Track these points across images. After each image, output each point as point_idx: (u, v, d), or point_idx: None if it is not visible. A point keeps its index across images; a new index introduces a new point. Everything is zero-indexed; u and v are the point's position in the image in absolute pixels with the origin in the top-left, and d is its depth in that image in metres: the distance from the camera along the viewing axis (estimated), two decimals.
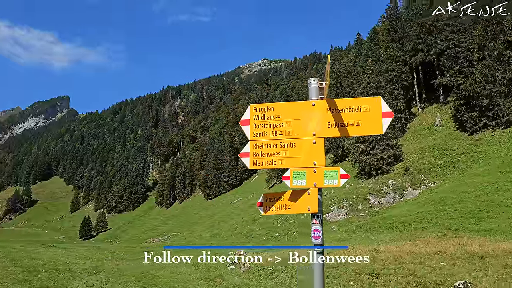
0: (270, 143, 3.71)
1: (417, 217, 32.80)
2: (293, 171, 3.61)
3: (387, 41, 66.77)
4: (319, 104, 3.67)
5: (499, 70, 48.83)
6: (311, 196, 3.56)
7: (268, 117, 3.77)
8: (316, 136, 3.65)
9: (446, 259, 14.70)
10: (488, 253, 14.89)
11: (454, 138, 52.05)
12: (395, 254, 15.93)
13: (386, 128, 3.67)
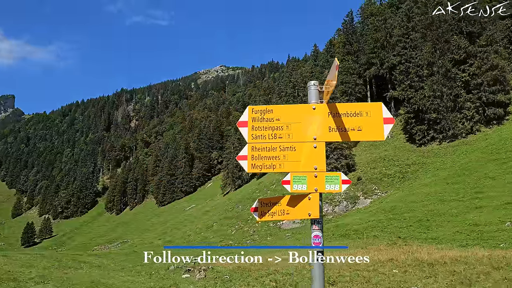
0: (269, 146, 3.61)
1: (369, 225, 33.65)
2: (294, 175, 3.52)
3: (343, 53, 68.66)
4: (319, 108, 3.61)
5: (446, 86, 51.43)
6: (312, 201, 3.47)
7: (267, 119, 3.67)
8: (317, 140, 3.57)
9: (398, 266, 15.06)
10: (437, 261, 15.41)
11: (404, 150, 54.12)
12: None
13: (387, 134, 3.63)
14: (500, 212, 28.39)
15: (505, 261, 14.44)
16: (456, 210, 31.75)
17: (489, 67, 49.93)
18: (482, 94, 50.19)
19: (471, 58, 51.69)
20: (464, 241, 23.71)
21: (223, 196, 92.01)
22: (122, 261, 23.40)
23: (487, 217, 28.37)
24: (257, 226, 49.37)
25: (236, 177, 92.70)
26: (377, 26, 64.71)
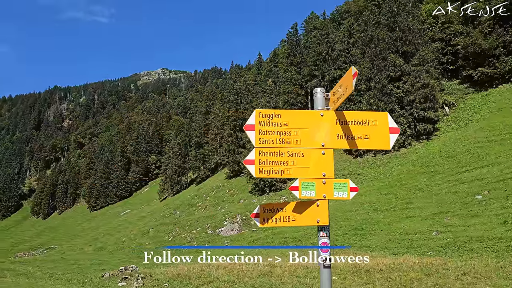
0: (277, 151, 3.53)
1: (306, 233, 34.27)
2: (302, 181, 3.49)
3: (286, 64, 70.07)
4: (327, 115, 3.61)
5: (382, 101, 54.07)
6: (320, 208, 3.45)
7: (275, 124, 3.59)
8: (325, 147, 3.58)
9: (337, 273, 15.35)
10: (373, 268, 15.91)
11: (341, 160, 56.01)
12: (290, 269, 16.21)
13: (393, 144, 3.69)
14: (428, 222, 30.11)
15: (435, 268, 15.22)
16: (389, 219, 33.25)
17: (421, 86, 53.22)
18: (414, 110, 53.32)
19: (405, 76, 54.84)
20: (395, 249, 24.81)
21: (160, 202, 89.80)
22: (50, 269, 21.90)
23: (416, 226, 29.97)
24: (195, 232, 48.60)
25: (174, 182, 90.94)
26: (320, 39, 66.79)
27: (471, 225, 27.07)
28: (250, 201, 51.72)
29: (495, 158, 38.18)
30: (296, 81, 67.68)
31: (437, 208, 32.41)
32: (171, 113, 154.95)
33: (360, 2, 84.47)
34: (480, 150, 41.62)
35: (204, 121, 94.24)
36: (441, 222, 29.45)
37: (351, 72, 3.33)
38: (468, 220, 28.36)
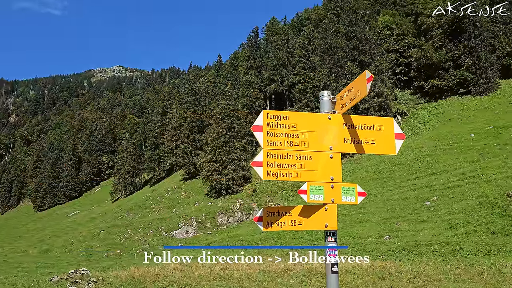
0: (285, 154, 3.44)
1: (263, 236, 34.37)
2: (310, 185, 3.39)
3: (246, 67, 70.24)
4: (335, 118, 3.57)
5: None
6: (328, 212, 3.38)
7: (282, 125, 3.49)
8: (333, 151, 3.53)
9: (294, 277, 15.42)
10: None
11: None
12: (247, 272, 16.12)
13: (398, 149, 3.69)
14: (380, 227, 31.04)
15: (387, 271, 15.64)
16: (343, 224, 33.95)
17: (376, 94, 54.94)
18: None
19: None
20: (349, 253, 25.34)
21: (112, 203, 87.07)
22: None
23: (369, 230, 30.80)
24: (148, 235, 47.46)
25: (128, 183, 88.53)
26: (280, 45, 67.50)
27: (420, 230, 28.15)
28: (206, 204, 51.24)
29: (443, 166, 39.98)
30: (256, 84, 67.96)
31: (388, 213, 33.49)
32: (126, 112, 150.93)
33: (319, 10, 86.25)
34: (430, 158, 43.47)
35: (161, 121, 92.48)
36: (392, 227, 30.44)
37: (364, 76, 3.30)
38: (417, 225, 29.46)
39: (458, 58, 59.60)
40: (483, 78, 57.25)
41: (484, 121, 48.96)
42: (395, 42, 68.73)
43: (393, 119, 3.77)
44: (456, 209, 29.57)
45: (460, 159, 40.32)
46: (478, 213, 27.38)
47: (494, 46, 59.86)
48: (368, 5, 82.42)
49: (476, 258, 20.39)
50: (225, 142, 54.77)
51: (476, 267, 16.30)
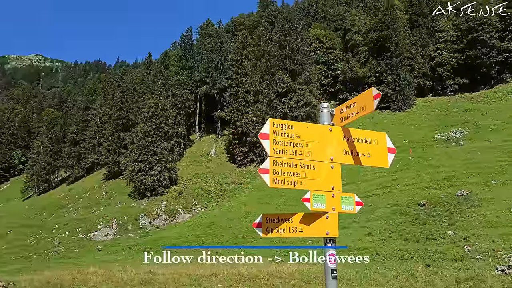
0: (290, 162, 3.50)
1: (187, 239, 33.81)
2: (313, 193, 3.50)
3: (178, 67, 68.99)
4: (335, 130, 3.73)
5: (269, 114, 56.29)
6: (330, 220, 3.49)
7: (288, 134, 3.56)
8: (334, 161, 3.66)
9: (221, 281, 15.29)
10: (256, 275, 16.20)
11: (226, 168, 56.70)
12: (173, 276, 15.71)
13: (391, 163, 3.85)
14: None
15: (312, 276, 16.08)
16: None
17: (304, 103, 56.75)
18: None
19: (291, 93, 57.98)
20: (273, 256, 25.77)
21: (23, 201, 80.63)
22: None
23: None
24: (63, 236, 44.58)
25: (42, 180, 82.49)
26: (214, 47, 67.29)
27: (341, 236, 29.36)
28: (129, 205, 49.31)
29: (364, 175, 42.22)
30: (187, 85, 67.01)
31: None
32: (43, 105, 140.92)
33: (254, 17, 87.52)
34: (351, 167, 45.63)
35: (83, 116, 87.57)
36: None
37: (371, 93, 3.44)
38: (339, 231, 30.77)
39: (381, 75, 63.53)
40: (401, 95, 61.57)
41: (401, 135, 52.56)
42: (324, 54, 71.67)
43: (386, 134, 3.95)
44: (374, 217, 31.34)
45: (378, 169, 42.86)
46: (393, 221, 29.27)
47: (413, 66, 64.69)
48: (300, 17, 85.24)
49: (391, 262, 21.70)
50: (152, 142, 53.23)
51: (392, 272, 17.33)
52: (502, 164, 33.11)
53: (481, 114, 51.84)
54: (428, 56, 65.96)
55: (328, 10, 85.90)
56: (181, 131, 63.02)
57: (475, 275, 13.96)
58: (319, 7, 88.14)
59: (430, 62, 65.50)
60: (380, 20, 65.80)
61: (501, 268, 15.19)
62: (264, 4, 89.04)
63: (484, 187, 30.08)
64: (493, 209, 25.94)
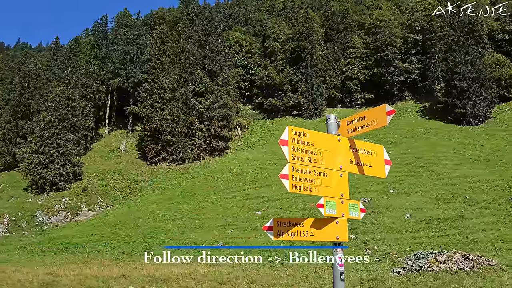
0: (306, 169, 3.67)
1: (92, 239, 31.91)
2: (326, 200, 3.65)
3: (90, 56, 65.06)
4: (343, 141, 3.94)
5: (184, 113, 55.45)
6: (340, 225, 3.67)
7: (304, 142, 3.74)
8: (343, 170, 3.85)
9: (133, 282, 14.66)
10: (169, 277, 15.80)
11: (135, 165, 54.60)
12: (79, 278, 14.71)
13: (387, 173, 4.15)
14: (215, 233, 31.93)
15: (226, 277, 16.12)
16: (178, 229, 33.86)
17: (221, 105, 56.81)
18: (212, 126, 56.35)
19: (208, 93, 57.71)
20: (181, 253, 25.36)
21: None
22: None
23: (204, 236, 31.37)
24: None
25: None
26: (131, 39, 64.62)
27: (251, 238, 29.90)
28: (24, 200, 45.15)
29: (274, 179, 43.32)
30: (99, 76, 63.40)
31: (223, 221, 34.70)
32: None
33: (175, 13, 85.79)
34: (263, 171, 46.66)
35: None
36: (226, 233, 31.63)
37: (384, 109, 3.69)
38: (249, 233, 31.22)
39: (296, 83, 66.00)
40: (313, 104, 64.53)
41: None
42: (243, 58, 72.61)
43: (383, 147, 4.25)
44: None
45: None
46: None
47: (325, 78, 68.19)
48: (222, 18, 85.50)
49: (298, 264, 22.53)
50: (56, 134, 49.35)
51: (300, 273, 18.01)
52: (399, 175, 36.13)
53: (382, 128, 56.19)
54: (340, 69, 70.08)
55: (250, 15, 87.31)
56: (89, 123, 59.36)
57: (376, 276, 14.98)
58: (241, 11, 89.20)
59: (341, 76, 69.68)
60: (298, 30, 68.41)
61: (397, 270, 16.53)
62: (186, 1, 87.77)
63: (383, 195, 32.62)
64: (390, 215, 28.21)
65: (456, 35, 56.80)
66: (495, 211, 24.62)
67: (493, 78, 55.18)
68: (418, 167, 37.75)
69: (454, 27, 58.02)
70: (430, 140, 47.78)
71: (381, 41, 66.32)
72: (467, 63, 54.43)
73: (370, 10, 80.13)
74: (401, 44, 67.89)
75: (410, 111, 62.91)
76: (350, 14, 76.89)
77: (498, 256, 15.67)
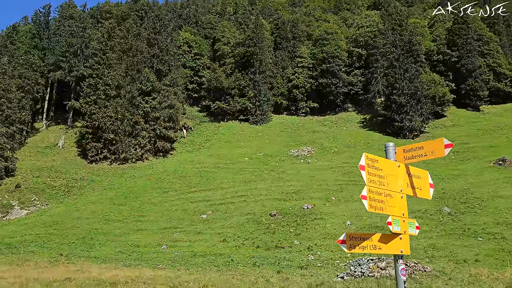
0: (378, 191, 4.27)
1: (25, 239, 30.25)
2: (393, 218, 4.30)
3: (29, 45, 61.55)
4: (402, 167, 4.61)
5: (129, 112, 54.05)
6: (403, 241, 4.36)
7: (375, 167, 4.34)
8: (403, 192, 4.52)
9: (78, 286, 14.23)
10: (118, 280, 15.49)
11: (74, 163, 52.34)
12: (20, 281, 14.05)
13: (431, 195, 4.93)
14: (158, 236, 31.46)
15: (177, 281, 16.05)
16: (120, 231, 32.96)
17: (167, 105, 56.05)
18: (157, 127, 55.42)
19: (155, 93, 56.72)
20: (127, 261, 24.78)
21: None
22: None
23: (147, 239, 30.81)
24: None
25: None
26: (75, 31, 61.98)
27: (196, 241, 29.81)
28: None
29: (220, 183, 43.52)
30: (38, 67, 60.12)
31: (167, 223, 34.27)
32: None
33: (123, 8, 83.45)
34: (209, 175, 46.65)
35: None
36: (170, 236, 31.28)
37: (442, 142, 4.43)
38: (193, 236, 31.10)
39: (244, 88, 66.63)
40: (260, 110, 65.48)
41: (257, 148, 55.76)
42: (192, 60, 72.17)
43: (428, 173, 4.95)
44: (229, 224, 32.57)
45: (234, 179, 44.67)
46: (247, 229, 30.86)
47: (273, 85, 69.46)
48: (172, 18, 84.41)
49: (244, 269, 22.84)
50: None
51: (248, 277, 18.35)
52: (341, 183, 37.68)
53: (326, 137, 58.28)
54: (287, 77, 71.72)
55: (200, 17, 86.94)
56: (25, 117, 56.12)
57: (323, 281, 15.65)
58: (192, 12, 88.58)
59: (288, 84, 71.32)
60: (248, 36, 69.17)
61: (341, 275, 17.37)
62: None
63: (325, 202, 33.86)
64: (332, 222, 29.38)
65: (397, 53, 60.30)
66: (427, 221, 26.48)
67: (428, 95, 59.16)
68: (359, 176, 39.48)
69: (396, 44, 61.54)
70: (371, 151, 50.22)
71: (328, 53, 68.78)
72: (406, 80, 57.96)
73: (318, 22, 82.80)
74: (346, 57, 70.79)
75: (352, 122, 65.73)
76: (299, 24, 78.98)
77: (431, 263, 16.97)
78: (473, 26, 68.81)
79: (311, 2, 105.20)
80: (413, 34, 62.28)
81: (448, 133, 57.12)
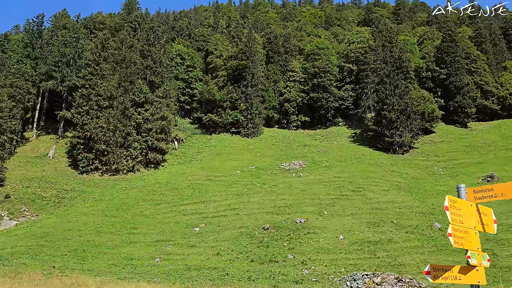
0: (459, 228, 4.87)
1: (16, 251, 29.93)
2: (471, 252, 4.87)
3: (21, 54, 61.29)
4: (473, 206, 5.19)
5: (122, 123, 53.98)
6: (479, 272, 4.91)
7: (455, 207, 4.91)
8: (475, 229, 5.11)
9: None
10: None
11: (65, 174, 51.93)
12: None
13: (496, 230, 5.55)
14: (151, 249, 31.39)
15: None
16: (112, 243, 32.80)
17: (160, 117, 56.13)
18: (149, 138, 55.38)
19: (148, 104, 56.80)
20: (121, 274, 24.66)
21: None
22: None
23: (140, 252, 30.71)
24: None
25: None
26: (68, 41, 61.94)
27: (190, 254, 29.81)
28: None
29: (212, 196, 43.58)
30: (30, 77, 59.85)
31: (160, 236, 34.20)
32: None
33: (116, 19, 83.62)
34: (201, 187, 46.68)
35: None
36: (163, 249, 31.23)
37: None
38: (187, 249, 31.09)
39: (236, 101, 67.07)
40: (252, 123, 65.90)
41: (248, 161, 56.00)
42: (185, 72, 72.48)
43: (491, 210, 5.56)
44: (222, 237, 32.64)
45: (227, 192, 44.77)
46: (240, 242, 30.97)
47: (264, 98, 70.04)
48: (165, 30, 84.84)
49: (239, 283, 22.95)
50: None
51: None
52: (332, 198, 38.03)
53: (317, 151, 58.77)
54: (279, 91, 72.42)
55: (193, 29, 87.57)
56: (16, 126, 55.61)
57: None
58: (185, 25, 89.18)
59: (280, 97, 72.00)
60: (241, 49, 69.85)
61: None
62: (129, 8, 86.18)
63: (318, 216, 34.13)
64: (325, 236, 29.64)
65: (387, 69, 61.41)
66: (419, 236, 26.90)
67: (418, 111, 60.23)
68: (350, 190, 39.98)
69: (386, 61, 62.68)
70: (361, 165, 50.81)
71: (319, 68, 69.74)
72: (396, 96, 58.98)
73: (310, 37, 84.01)
74: (337, 72, 71.85)
75: (342, 136, 66.46)
76: (291, 39, 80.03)
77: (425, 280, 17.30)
78: (461, 44, 70.66)
79: (302, 17, 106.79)
80: (403, 51, 63.58)
81: (437, 149, 58.08)
